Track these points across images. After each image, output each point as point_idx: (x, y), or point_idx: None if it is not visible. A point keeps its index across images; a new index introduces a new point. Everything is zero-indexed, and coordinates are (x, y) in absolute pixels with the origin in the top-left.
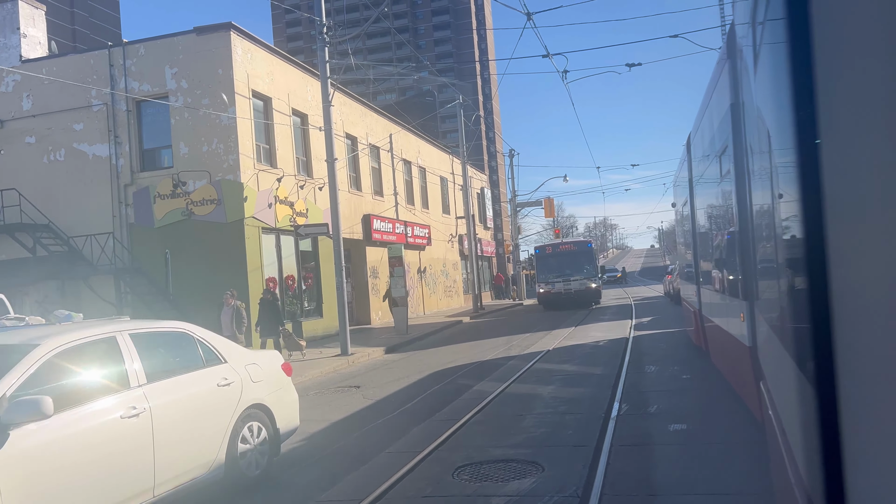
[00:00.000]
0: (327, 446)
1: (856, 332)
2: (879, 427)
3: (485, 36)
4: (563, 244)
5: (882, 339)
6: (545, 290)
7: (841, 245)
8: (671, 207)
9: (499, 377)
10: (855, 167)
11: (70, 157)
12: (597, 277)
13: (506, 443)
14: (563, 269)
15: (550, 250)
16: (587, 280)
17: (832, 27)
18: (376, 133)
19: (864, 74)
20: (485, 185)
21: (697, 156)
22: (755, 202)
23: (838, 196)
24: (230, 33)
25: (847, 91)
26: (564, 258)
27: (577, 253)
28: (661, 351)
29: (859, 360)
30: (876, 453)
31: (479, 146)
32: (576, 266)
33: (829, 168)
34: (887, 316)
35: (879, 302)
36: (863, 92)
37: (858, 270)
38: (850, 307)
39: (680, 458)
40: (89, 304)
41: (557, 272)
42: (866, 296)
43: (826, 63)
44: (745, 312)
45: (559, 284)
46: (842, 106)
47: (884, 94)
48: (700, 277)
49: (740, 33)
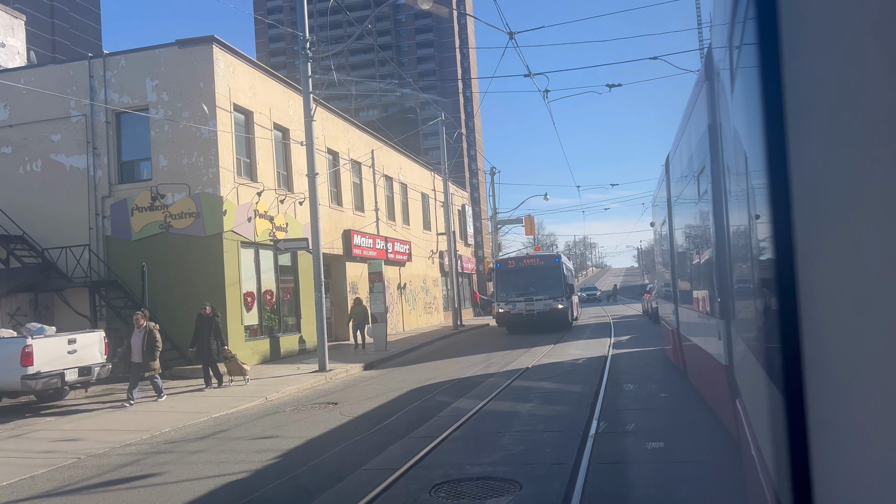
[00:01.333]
0: (303, 463)
1: (825, 350)
2: (845, 443)
3: (467, 54)
4: (527, 258)
5: (849, 357)
6: (504, 310)
7: (810, 266)
8: (650, 227)
9: (477, 394)
10: (823, 188)
11: (47, 167)
12: (566, 298)
13: (484, 460)
14: (527, 286)
15: (513, 264)
16: (554, 300)
17: (801, 52)
18: (358, 149)
19: (832, 97)
20: (466, 202)
21: (676, 176)
22: (732, 222)
23: (807, 217)
24: (212, 46)
25: (816, 113)
26: (528, 274)
27: (542, 268)
28: (639, 369)
29: (828, 378)
30: (843, 468)
31: (460, 163)
32: (541, 283)
33: (799, 189)
34: (854, 335)
35: (847, 321)
36: (831, 115)
37: (827, 291)
38: (819, 326)
39: (657, 477)
40: (63, 317)
41: (520, 290)
42: (835, 315)
43: (796, 85)
44: (722, 331)
45: (520, 304)
46: (812, 128)
47: (850, 118)
48: (678, 296)
49: (717, 56)
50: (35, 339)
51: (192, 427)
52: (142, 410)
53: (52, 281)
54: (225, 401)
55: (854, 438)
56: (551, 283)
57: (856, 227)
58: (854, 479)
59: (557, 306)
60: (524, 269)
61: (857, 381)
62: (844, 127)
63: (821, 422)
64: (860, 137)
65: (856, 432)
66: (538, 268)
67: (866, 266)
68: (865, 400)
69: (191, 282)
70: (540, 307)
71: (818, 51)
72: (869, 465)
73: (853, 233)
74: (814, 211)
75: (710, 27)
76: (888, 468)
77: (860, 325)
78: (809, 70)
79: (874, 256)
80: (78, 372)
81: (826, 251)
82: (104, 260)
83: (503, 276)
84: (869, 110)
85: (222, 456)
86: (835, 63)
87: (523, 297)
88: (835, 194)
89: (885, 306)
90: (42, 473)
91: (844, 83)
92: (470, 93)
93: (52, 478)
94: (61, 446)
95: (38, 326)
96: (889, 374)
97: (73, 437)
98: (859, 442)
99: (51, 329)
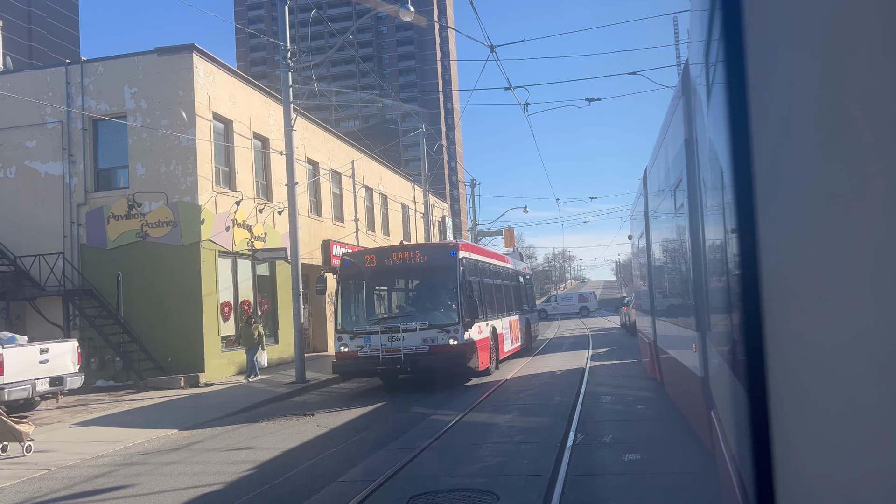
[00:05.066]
0: (278, 475)
1: (788, 361)
2: (806, 449)
3: (449, 67)
4: (398, 251)
5: (810, 368)
6: (348, 349)
7: (775, 277)
8: (628, 240)
9: (457, 406)
10: (786, 203)
11: (21, 174)
12: (466, 322)
13: (461, 472)
14: (397, 304)
15: (373, 262)
16: (441, 331)
17: (771, 68)
18: (338, 159)
19: (795, 111)
20: (446, 214)
21: (653, 190)
22: (707, 236)
23: (774, 231)
24: (192, 55)
25: (778, 126)
26: (400, 280)
27: (426, 271)
28: (616, 381)
29: (790, 388)
30: (805, 475)
31: (441, 175)
32: (422, 299)
33: (763, 204)
34: (816, 347)
35: (809, 332)
36: (793, 128)
37: (791, 302)
38: (782, 337)
39: (633, 488)
40: (35, 327)
41: (381, 311)
42: (797, 326)
43: (765, 102)
44: (697, 343)
45: (376, 339)
46: (783, 144)
47: (816, 135)
48: (655, 309)
49: (694, 73)
50: (6, 348)
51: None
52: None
53: (24, 289)
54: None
55: (813, 446)
56: (441, 297)
57: (819, 238)
58: (813, 487)
59: (448, 342)
60: (392, 272)
61: (817, 392)
62: (806, 142)
63: (782, 430)
64: (827, 155)
65: (815, 440)
66: (418, 269)
67: (829, 278)
68: (825, 409)
69: (167, 291)
70: (415, 343)
71: (780, 66)
72: (827, 473)
73: (816, 243)
74: (777, 224)
75: (688, 44)
76: (843, 477)
77: (822, 337)
78: (773, 84)
79: (836, 269)
80: (49, 382)
81: (790, 261)
82: (78, 269)
83: (353, 285)
84: (827, 122)
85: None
86: (797, 77)
87: (383, 326)
88: (798, 209)
89: (844, 318)
90: (10, 486)
91: (807, 99)
92: (451, 105)
93: (22, 490)
94: (32, 458)
95: (8, 336)
96: (847, 384)
97: (43, 448)
98: (818, 449)
99: (22, 338)
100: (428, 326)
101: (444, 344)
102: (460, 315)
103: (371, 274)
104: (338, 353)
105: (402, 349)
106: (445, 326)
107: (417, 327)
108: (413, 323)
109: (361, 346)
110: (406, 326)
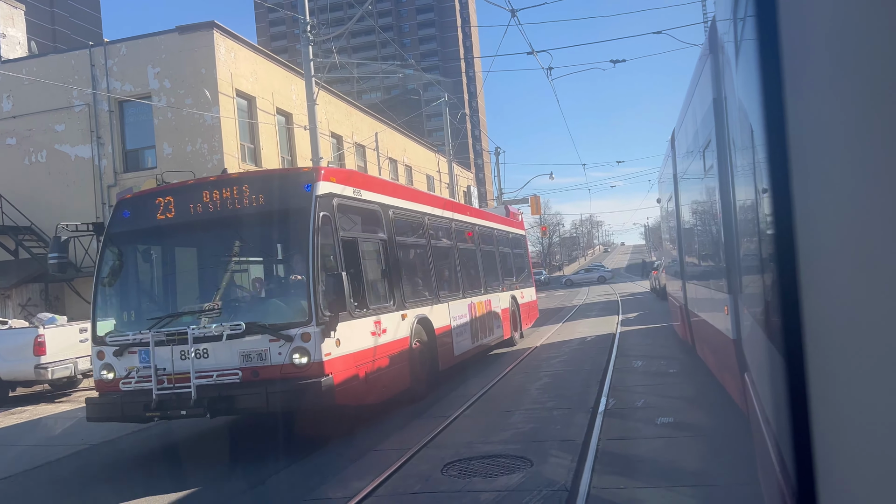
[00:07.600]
0: (316, 446)
1: (826, 322)
2: (844, 411)
3: (469, 33)
4: (212, 188)
5: (850, 329)
6: (112, 375)
7: (815, 239)
8: (656, 204)
9: (494, 372)
10: (826, 162)
11: (52, 158)
12: (328, 318)
13: (494, 438)
14: (201, 286)
15: (171, 211)
16: (279, 337)
17: (805, 21)
18: (362, 132)
19: (833, 67)
20: (471, 183)
21: (681, 151)
22: (738, 197)
23: (810, 190)
24: (213, 32)
25: (818, 84)
26: (217, 241)
27: (262, 222)
28: (647, 346)
29: (829, 349)
30: (844, 437)
31: (464, 144)
32: (248, 276)
33: (801, 163)
34: (855, 307)
35: (848, 293)
36: (832, 85)
37: (832, 264)
38: (821, 298)
39: (667, 451)
40: (74, 306)
41: (174, 302)
42: (836, 287)
43: (799, 57)
44: (730, 306)
45: (157, 352)
46: (818, 101)
47: (853, 90)
48: (685, 272)
49: (722, 29)
50: (47, 328)
51: None
52: None
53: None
54: None
55: (851, 406)
56: (282, 272)
57: (857, 197)
58: (852, 446)
59: (289, 359)
60: (201, 226)
61: (856, 352)
62: (848, 98)
63: (820, 394)
64: (865, 110)
65: (853, 400)
66: (244, 220)
67: (868, 238)
68: (863, 370)
69: None
70: (219, 363)
71: (818, 20)
72: (865, 432)
73: (854, 202)
74: (818, 186)
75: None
76: (884, 438)
77: (862, 299)
78: (807, 39)
79: (877, 228)
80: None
81: (826, 221)
82: None
83: (130, 253)
84: (873, 80)
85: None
86: (836, 31)
87: (159, 331)
88: (838, 168)
89: (886, 278)
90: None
91: (847, 54)
92: (473, 72)
93: (69, 465)
94: (76, 433)
95: (49, 316)
96: (890, 345)
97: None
98: (857, 410)
99: (62, 318)
100: (245, 330)
101: (281, 364)
102: (313, 306)
103: (165, 231)
104: (98, 383)
105: (195, 376)
106: (282, 329)
107: (226, 333)
108: (219, 324)
109: (133, 368)
110: (201, 331)
